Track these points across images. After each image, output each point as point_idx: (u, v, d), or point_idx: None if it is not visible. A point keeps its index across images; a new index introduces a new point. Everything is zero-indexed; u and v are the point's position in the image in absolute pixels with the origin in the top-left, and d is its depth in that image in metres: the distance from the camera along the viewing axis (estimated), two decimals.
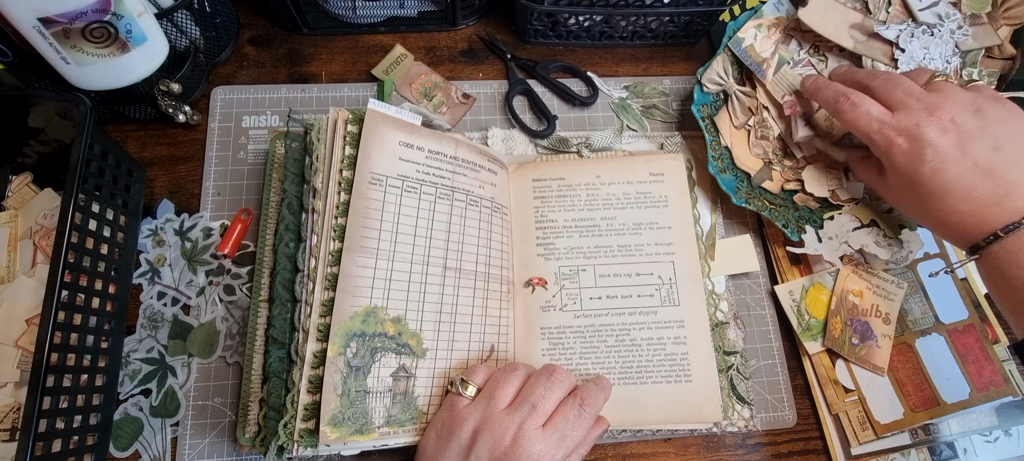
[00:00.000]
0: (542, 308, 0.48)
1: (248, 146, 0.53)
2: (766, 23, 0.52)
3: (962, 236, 0.40)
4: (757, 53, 0.51)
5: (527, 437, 0.36)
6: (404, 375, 0.41)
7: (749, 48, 0.51)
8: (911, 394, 0.47)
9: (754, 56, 0.51)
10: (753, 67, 0.51)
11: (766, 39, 0.52)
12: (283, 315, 0.42)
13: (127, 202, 0.48)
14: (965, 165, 0.38)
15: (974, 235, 0.39)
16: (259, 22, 0.58)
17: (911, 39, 0.49)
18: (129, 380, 0.45)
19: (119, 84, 0.46)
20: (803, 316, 0.50)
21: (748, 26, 0.52)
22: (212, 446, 0.45)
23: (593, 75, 0.58)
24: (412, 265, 0.43)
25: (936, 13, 0.50)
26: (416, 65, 0.57)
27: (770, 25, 0.52)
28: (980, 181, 0.38)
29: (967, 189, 0.39)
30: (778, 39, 0.52)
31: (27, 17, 0.39)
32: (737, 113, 0.51)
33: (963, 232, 0.40)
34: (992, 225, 0.38)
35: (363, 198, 0.42)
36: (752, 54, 0.51)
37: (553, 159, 0.53)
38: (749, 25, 0.52)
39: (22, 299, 0.44)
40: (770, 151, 0.51)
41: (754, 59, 0.51)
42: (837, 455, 0.48)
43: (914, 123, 0.40)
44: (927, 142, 0.39)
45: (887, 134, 0.41)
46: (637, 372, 0.46)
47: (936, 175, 0.39)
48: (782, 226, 0.50)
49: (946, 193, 0.39)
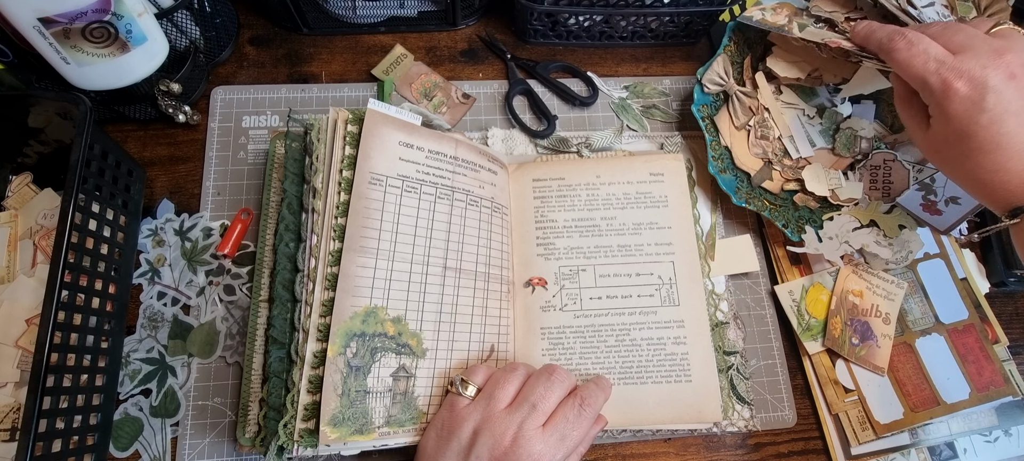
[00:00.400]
0: (542, 308, 0.48)
1: (248, 146, 0.53)
2: (769, 7, 0.50)
3: (1005, 197, 0.37)
4: (773, 22, 0.49)
5: (527, 437, 0.36)
6: (404, 375, 0.41)
7: (762, 21, 0.49)
8: (911, 394, 0.47)
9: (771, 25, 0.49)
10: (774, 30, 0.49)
11: (775, 14, 0.50)
12: (283, 315, 0.42)
13: (127, 202, 0.48)
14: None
15: (1019, 196, 0.36)
16: (259, 22, 0.58)
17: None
18: (129, 380, 0.45)
19: (119, 84, 0.46)
20: (803, 316, 0.50)
21: (750, 8, 0.50)
22: (212, 446, 0.45)
23: (593, 75, 0.58)
24: (412, 265, 0.43)
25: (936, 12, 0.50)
26: (416, 65, 0.57)
27: (774, 8, 0.51)
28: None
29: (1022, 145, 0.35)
30: (788, 14, 0.50)
31: (27, 17, 0.39)
32: (738, 113, 0.51)
33: (1007, 192, 0.36)
34: None
35: (363, 198, 0.42)
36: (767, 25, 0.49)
37: (553, 159, 0.53)
38: (751, 8, 0.50)
39: (22, 299, 0.44)
40: (770, 151, 0.51)
41: (773, 26, 0.49)
42: (837, 455, 0.48)
43: (980, 65, 0.36)
44: (990, 88, 0.35)
45: (945, 76, 0.36)
46: (637, 372, 0.46)
47: (993, 125, 0.35)
48: (782, 226, 0.50)
49: (1000, 147, 0.36)
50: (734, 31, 0.53)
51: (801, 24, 0.48)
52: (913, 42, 0.39)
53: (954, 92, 0.36)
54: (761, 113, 0.51)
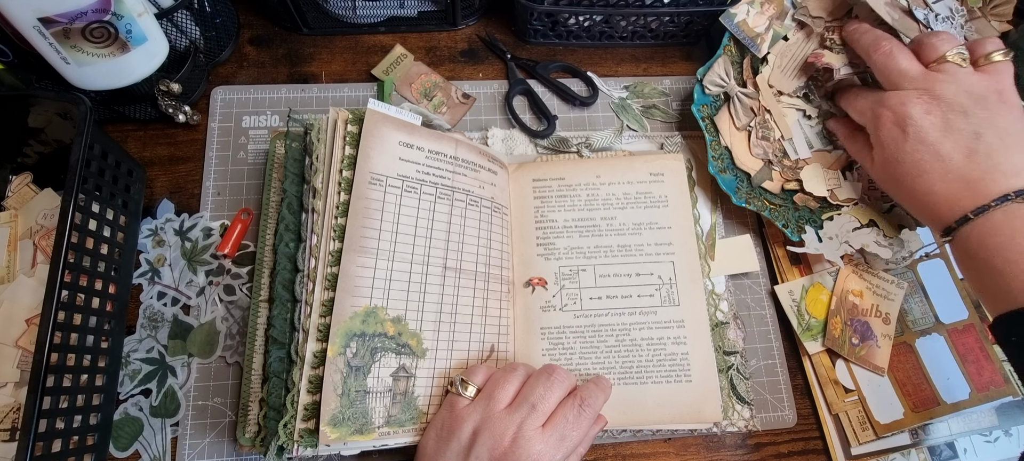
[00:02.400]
0: (542, 308, 0.48)
1: (248, 146, 0.53)
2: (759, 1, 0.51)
3: (937, 218, 0.41)
4: (750, 28, 0.51)
5: (526, 437, 0.36)
6: (404, 375, 0.41)
7: (741, 23, 0.51)
8: (911, 394, 0.47)
9: (747, 31, 0.51)
10: (747, 42, 0.51)
11: (759, 15, 0.51)
12: (283, 315, 0.43)
13: (127, 202, 0.48)
14: (944, 148, 0.40)
15: (947, 217, 0.40)
16: (259, 22, 0.58)
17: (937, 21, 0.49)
18: (129, 380, 0.45)
19: (119, 84, 0.46)
20: (803, 316, 0.50)
21: (740, 4, 0.51)
22: (212, 446, 0.45)
23: (593, 75, 0.58)
24: (412, 265, 0.43)
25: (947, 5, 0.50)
26: (416, 65, 0.57)
27: (762, 1, 0.51)
28: (957, 163, 0.40)
29: (945, 170, 0.40)
30: (772, 14, 0.51)
31: (27, 17, 0.39)
32: (739, 114, 0.51)
33: (938, 214, 0.41)
34: (963, 207, 0.39)
35: (363, 198, 0.42)
36: (745, 29, 0.51)
37: (553, 159, 0.53)
38: (741, 4, 0.51)
39: (22, 299, 0.44)
40: (771, 152, 0.51)
41: (747, 34, 0.51)
42: (837, 455, 0.48)
43: (901, 101, 0.42)
44: (911, 119, 0.41)
45: (876, 109, 0.43)
46: (637, 372, 0.46)
47: (916, 152, 0.41)
48: (782, 226, 0.50)
49: (924, 172, 0.41)
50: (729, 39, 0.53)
51: (777, 33, 0.51)
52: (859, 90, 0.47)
53: (883, 122, 0.43)
54: (762, 114, 0.51)
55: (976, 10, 0.51)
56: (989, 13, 0.51)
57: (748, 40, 0.51)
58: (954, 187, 0.40)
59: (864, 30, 0.47)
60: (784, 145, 0.51)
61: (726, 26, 0.51)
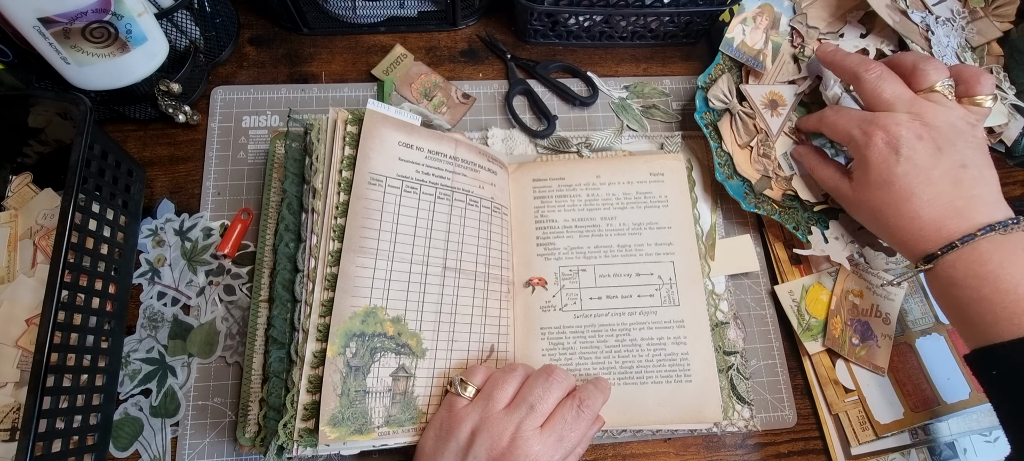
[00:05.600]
0: (542, 308, 0.48)
1: (248, 146, 0.53)
2: (750, 16, 0.52)
3: (919, 244, 0.41)
4: (750, 48, 0.51)
5: (525, 438, 0.36)
6: (403, 375, 0.41)
7: (741, 45, 0.51)
8: (911, 394, 0.47)
9: (747, 51, 0.51)
10: (751, 62, 0.51)
11: (754, 30, 0.52)
12: (283, 315, 0.43)
13: (127, 202, 0.48)
14: (934, 173, 0.40)
15: (932, 243, 0.40)
16: (259, 22, 0.58)
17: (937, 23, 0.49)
18: (129, 380, 0.45)
19: (119, 84, 0.46)
20: (803, 316, 0.50)
21: (734, 25, 0.52)
22: (212, 446, 0.45)
23: (593, 75, 0.58)
24: (412, 265, 0.43)
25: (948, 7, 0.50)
26: (416, 65, 0.57)
27: (754, 16, 0.52)
28: (945, 190, 0.40)
29: (934, 195, 0.40)
30: (767, 25, 0.51)
31: (27, 17, 0.39)
32: (740, 132, 0.51)
33: (921, 239, 0.41)
34: (950, 234, 0.39)
35: (363, 198, 0.42)
36: (745, 50, 0.51)
37: (553, 159, 0.53)
38: (734, 24, 0.52)
39: (22, 299, 0.44)
40: (771, 169, 0.51)
41: (748, 54, 0.51)
42: (837, 455, 0.48)
43: (895, 123, 0.41)
44: (904, 141, 0.41)
45: (867, 129, 0.43)
46: (637, 372, 0.46)
47: (907, 176, 0.41)
48: (793, 228, 0.50)
49: (913, 195, 0.40)
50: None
51: (776, 43, 0.52)
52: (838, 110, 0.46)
53: (873, 142, 0.42)
54: (762, 132, 0.51)
55: (978, 10, 0.51)
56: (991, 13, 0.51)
57: (751, 60, 0.51)
58: (941, 213, 0.40)
59: (845, 53, 0.47)
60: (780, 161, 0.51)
61: (728, 53, 0.52)
